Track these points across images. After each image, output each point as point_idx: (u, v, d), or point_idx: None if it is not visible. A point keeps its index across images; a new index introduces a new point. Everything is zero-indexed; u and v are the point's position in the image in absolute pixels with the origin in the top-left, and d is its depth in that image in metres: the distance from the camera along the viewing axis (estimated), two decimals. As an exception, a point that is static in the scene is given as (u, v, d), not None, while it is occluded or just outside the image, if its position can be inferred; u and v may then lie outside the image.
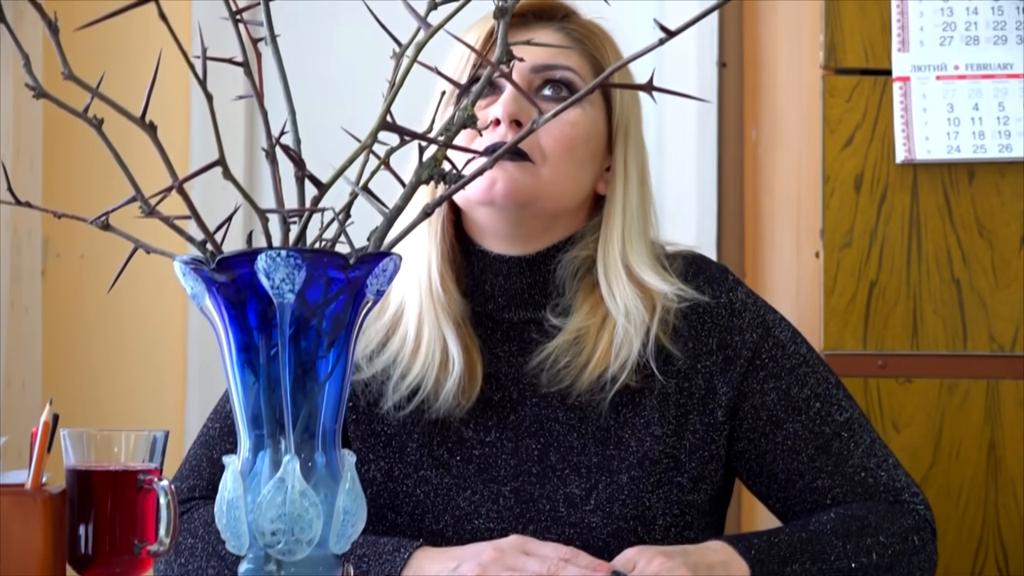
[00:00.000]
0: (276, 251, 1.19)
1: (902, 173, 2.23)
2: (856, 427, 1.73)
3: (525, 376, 1.74)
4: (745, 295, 1.76)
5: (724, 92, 2.95)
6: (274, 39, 1.29)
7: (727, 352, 1.73)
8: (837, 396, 1.74)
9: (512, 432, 1.72)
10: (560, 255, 1.75)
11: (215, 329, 1.25)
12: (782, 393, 1.72)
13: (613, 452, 1.70)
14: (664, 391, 1.71)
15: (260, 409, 1.23)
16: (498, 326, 1.75)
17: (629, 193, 1.76)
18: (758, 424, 1.72)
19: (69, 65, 1.10)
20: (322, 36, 3.00)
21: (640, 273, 1.73)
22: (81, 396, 2.91)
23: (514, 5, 1.28)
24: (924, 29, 2.21)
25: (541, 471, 1.70)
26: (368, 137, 1.24)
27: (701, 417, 1.71)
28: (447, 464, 1.72)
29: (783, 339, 1.74)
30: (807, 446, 1.71)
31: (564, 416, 1.72)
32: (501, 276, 1.75)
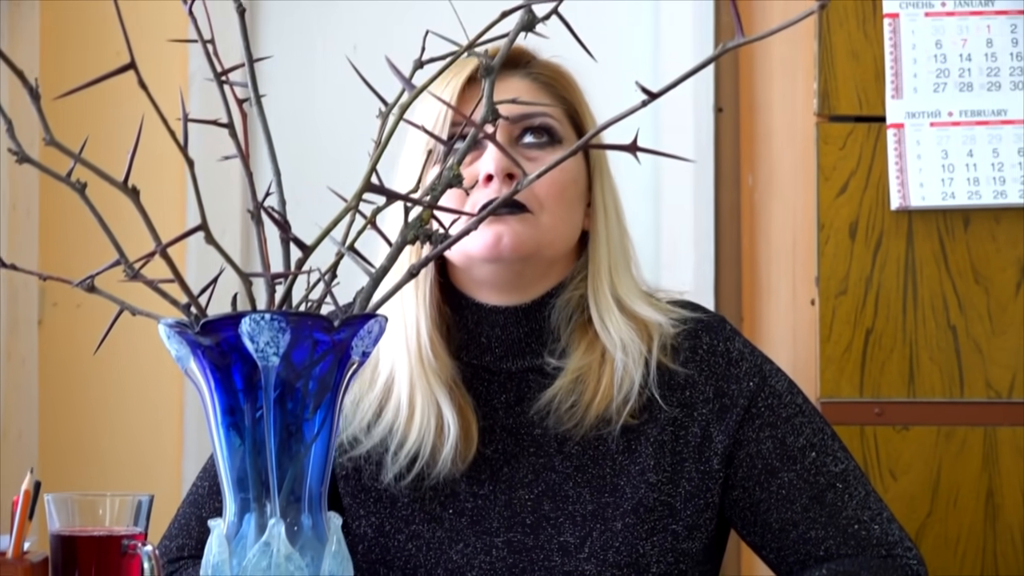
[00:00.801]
0: (260, 314, 1.18)
1: (897, 220, 2.22)
2: (851, 479, 1.72)
3: (523, 426, 1.73)
4: (742, 344, 1.76)
5: (720, 137, 2.95)
6: (258, 99, 1.29)
7: (723, 400, 1.72)
8: (832, 447, 1.74)
9: (506, 484, 1.72)
10: (554, 300, 1.75)
11: (200, 392, 1.24)
12: (777, 442, 1.72)
13: (608, 499, 1.70)
14: (660, 439, 1.71)
15: (246, 472, 1.23)
16: (495, 377, 1.75)
17: (611, 228, 1.77)
18: (753, 473, 1.71)
19: (51, 131, 1.10)
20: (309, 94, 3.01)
21: (631, 305, 1.74)
22: (77, 447, 2.90)
23: (500, 64, 1.28)
24: (917, 76, 2.21)
25: (535, 521, 1.70)
26: (353, 198, 1.24)
27: (696, 465, 1.71)
28: (439, 518, 1.71)
29: (780, 389, 1.74)
30: (801, 496, 1.70)
31: (560, 465, 1.71)
32: (498, 327, 1.74)
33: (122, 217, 1.21)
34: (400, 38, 3.01)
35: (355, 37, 3.04)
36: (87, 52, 2.91)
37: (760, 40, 1.06)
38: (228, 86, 1.28)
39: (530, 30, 1.29)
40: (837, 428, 2.19)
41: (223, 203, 2.82)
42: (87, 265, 3.01)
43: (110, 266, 1.22)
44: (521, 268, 1.72)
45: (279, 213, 1.27)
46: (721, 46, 1.09)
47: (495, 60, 1.27)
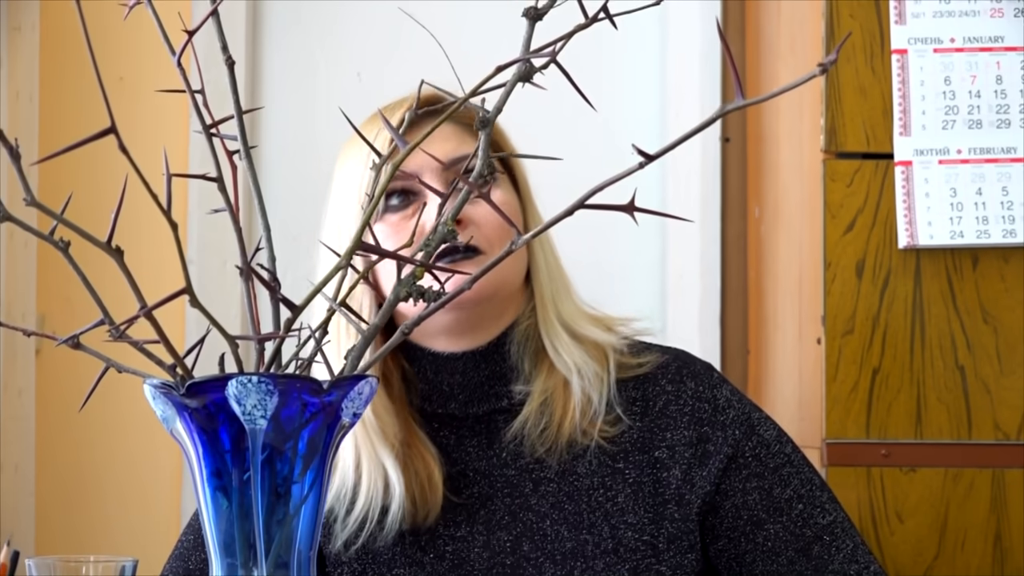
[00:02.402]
0: (247, 377, 1.15)
1: (904, 259, 2.20)
2: (839, 531, 1.70)
3: (495, 468, 1.71)
4: (730, 392, 1.74)
5: (727, 167, 2.93)
6: (248, 152, 1.26)
7: (707, 446, 1.70)
8: (820, 498, 1.71)
9: (483, 527, 1.70)
10: (510, 338, 1.73)
11: (186, 454, 1.22)
12: (764, 493, 1.69)
13: (587, 537, 1.68)
14: (639, 480, 1.69)
15: (233, 536, 1.20)
16: (463, 422, 1.73)
17: (547, 256, 1.77)
18: (738, 524, 1.69)
19: (32, 192, 1.07)
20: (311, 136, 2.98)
21: (580, 329, 1.73)
22: (75, 480, 2.88)
23: (496, 116, 1.25)
24: (926, 113, 2.18)
25: (515, 561, 1.68)
26: (344, 256, 1.21)
27: (679, 508, 1.69)
28: (420, 562, 1.70)
29: (768, 438, 1.72)
30: (787, 548, 1.68)
31: (537, 504, 1.70)
32: (457, 374, 1.73)
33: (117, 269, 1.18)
34: (405, 65, 2.99)
35: (359, 64, 3.01)
36: (88, 77, 2.89)
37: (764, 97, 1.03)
38: (219, 138, 1.26)
39: (527, 81, 1.27)
40: (843, 469, 2.17)
41: (229, 254, 2.80)
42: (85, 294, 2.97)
43: (94, 325, 1.19)
44: (480, 312, 1.71)
45: (268, 271, 1.24)
46: (720, 108, 1.07)
47: (492, 112, 1.25)
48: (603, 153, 2.91)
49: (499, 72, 1.21)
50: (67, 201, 1.14)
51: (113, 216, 1.10)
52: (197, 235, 2.86)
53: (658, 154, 1.10)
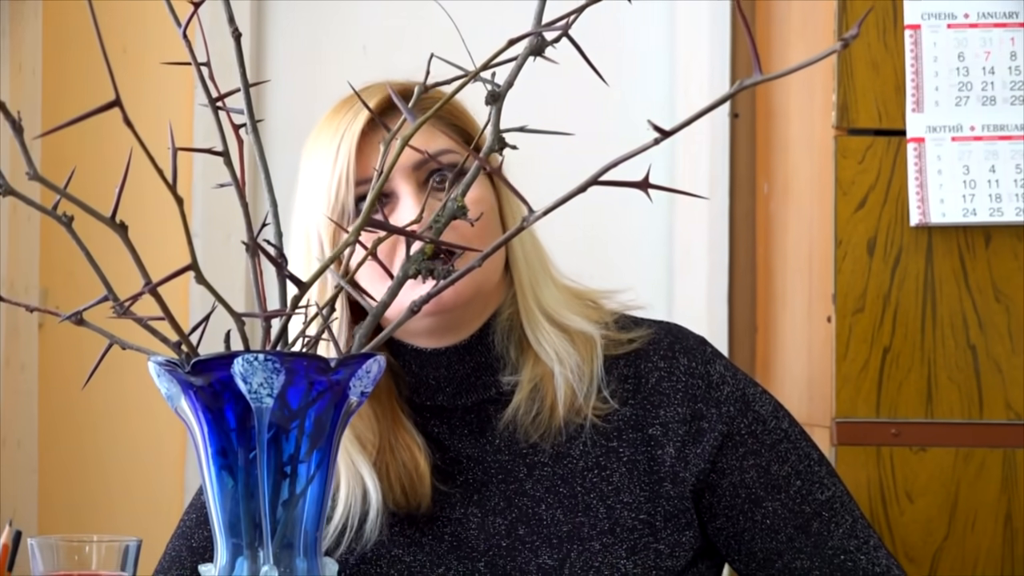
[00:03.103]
0: (253, 355, 1.13)
1: (916, 236, 2.17)
2: (837, 506, 1.68)
3: (489, 454, 1.70)
4: (724, 367, 1.71)
5: (736, 143, 2.90)
6: (255, 126, 1.24)
7: (700, 424, 1.68)
8: (819, 473, 1.69)
9: (478, 509, 1.68)
10: (492, 329, 1.70)
11: (191, 432, 1.20)
12: (762, 470, 1.67)
13: (582, 519, 1.66)
14: (633, 458, 1.67)
15: (238, 516, 1.18)
16: (453, 413, 1.71)
17: (524, 242, 1.71)
18: (736, 502, 1.67)
19: (34, 166, 1.05)
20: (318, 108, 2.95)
21: (560, 318, 1.70)
22: (78, 456, 2.86)
23: (507, 91, 1.23)
24: (939, 89, 2.16)
25: (511, 544, 1.67)
26: (352, 233, 1.19)
27: (674, 486, 1.67)
28: (419, 542, 1.68)
29: (764, 414, 1.69)
30: (786, 525, 1.66)
31: (531, 489, 1.68)
32: (443, 368, 1.70)
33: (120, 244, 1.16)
34: (410, 38, 2.96)
35: (364, 37, 2.99)
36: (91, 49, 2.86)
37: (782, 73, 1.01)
38: (224, 112, 1.24)
39: (539, 55, 1.25)
40: (852, 449, 2.15)
41: (234, 228, 2.78)
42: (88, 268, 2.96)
43: (98, 302, 1.17)
44: (462, 313, 1.68)
45: (275, 247, 1.22)
46: (738, 83, 1.04)
47: (503, 86, 1.23)
48: (611, 128, 2.89)
49: (511, 46, 1.19)
50: (70, 175, 1.12)
51: (117, 191, 1.07)
52: (201, 209, 2.83)
53: (674, 130, 1.08)
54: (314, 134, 1.71)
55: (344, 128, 1.66)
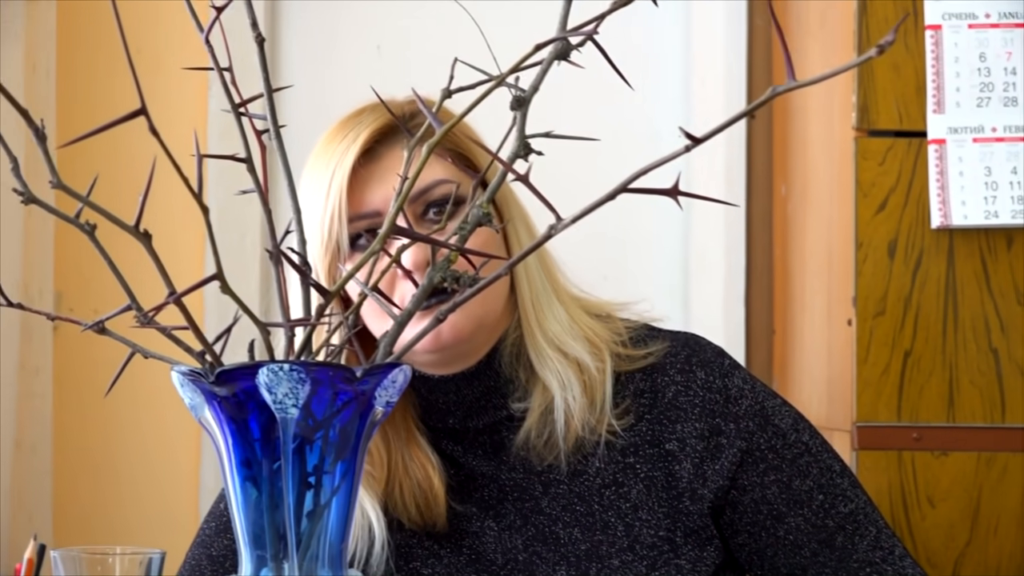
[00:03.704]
0: (278, 365, 1.12)
1: (937, 239, 2.16)
2: (861, 518, 1.66)
3: (503, 472, 1.68)
4: (742, 380, 1.68)
5: (753, 145, 2.89)
6: (278, 132, 1.23)
7: (719, 439, 1.65)
8: (841, 486, 1.67)
9: (495, 523, 1.67)
10: (499, 354, 1.68)
11: (215, 442, 1.19)
12: (783, 486, 1.65)
13: (601, 537, 1.64)
14: (651, 475, 1.65)
15: (262, 527, 1.17)
16: (465, 435, 1.69)
17: (528, 261, 1.67)
18: (758, 518, 1.65)
19: (57, 174, 1.03)
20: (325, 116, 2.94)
21: (563, 345, 1.66)
22: (92, 460, 2.85)
23: (532, 96, 1.21)
24: (960, 90, 2.14)
25: (528, 558, 1.65)
26: (377, 241, 1.17)
27: (692, 503, 1.65)
28: (437, 555, 1.67)
29: (783, 428, 1.67)
30: (810, 541, 1.65)
31: (548, 507, 1.66)
32: (452, 393, 1.68)
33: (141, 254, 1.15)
34: (425, 38, 2.95)
35: (378, 37, 2.97)
36: (105, 49, 2.86)
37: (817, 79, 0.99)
38: (247, 118, 1.22)
39: (564, 59, 1.23)
40: (873, 453, 2.13)
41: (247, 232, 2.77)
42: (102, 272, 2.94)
43: (121, 311, 1.16)
44: (464, 347, 1.65)
45: (299, 254, 1.21)
46: (771, 90, 1.03)
47: (528, 91, 1.21)
48: (625, 132, 2.88)
49: (538, 50, 1.18)
50: (92, 183, 1.10)
51: (141, 199, 1.06)
52: (215, 215, 2.82)
53: (705, 137, 1.06)
54: (310, 161, 1.67)
55: (336, 162, 1.62)
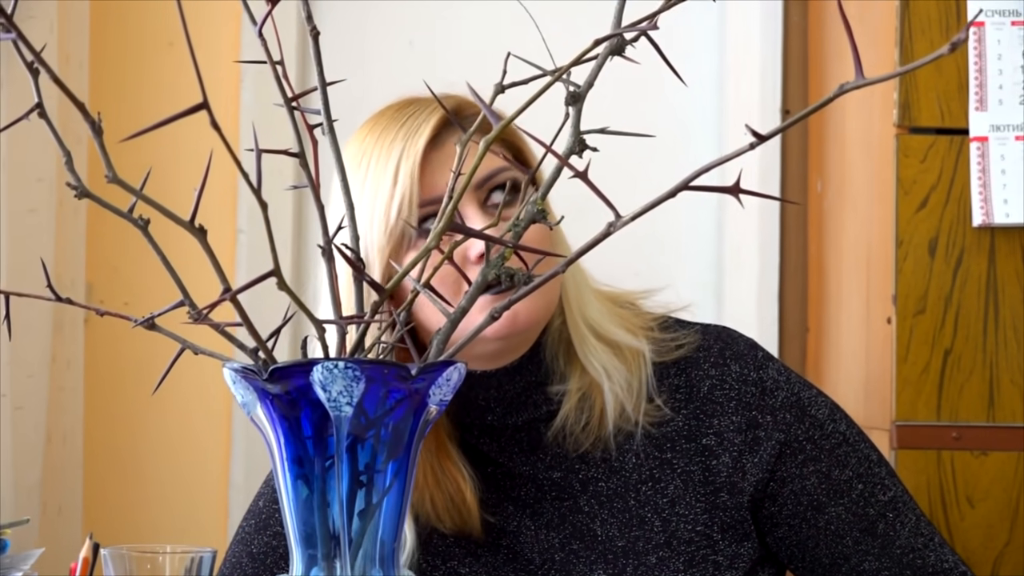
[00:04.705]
0: (333, 362, 1.11)
1: (979, 237, 2.14)
2: (901, 506, 1.66)
3: (541, 471, 1.67)
4: (776, 372, 1.68)
5: (788, 141, 2.87)
6: (331, 126, 1.21)
7: (757, 432, 1.64)
8: (880, 474, 1.67)
9: (532, 523, 1.66)
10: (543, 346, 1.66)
11: (267, 440, 1.18)
12: (822, 476, 1.65)
13: (638, 533, 1.63)
14: (688, 469, 1.65)
15: (314, 527, 1.16)
16: (503, 432, 1.68)
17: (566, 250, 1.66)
18: (799, 510, 1.64)
19: (114, 168, 1.02)
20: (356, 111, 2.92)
21: (607, 333, 1.66)
22: (123, 450, 2.84)
23: (587, 91, 1.20)
24: (1003, 87, 2.12)
25: (565, 557, 1.64)
26: (432, 237, 1.16)
27: (731, 497, 1.64)
28: (475, 554, 1.66)
29: (821, 418, 1.66)
30: (852, 529, 1.64)
31: (586, 505, 1.65)
32: (492, 389, 1.66)
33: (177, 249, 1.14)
34: (457, 33, 2.93)
35: (411, 32, 2.96)
36: (136, 41, 2.85)
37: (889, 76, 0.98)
38: (299, 112, 1.21)
39: (619, 54, 1.22)
40: (912, 452, 2.12)
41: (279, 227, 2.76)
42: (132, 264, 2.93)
43: (174, 307, 1.15)
44: (534, 333, 1.64)
45: (352, 251, 1.19)
46: (839, 87, 1.01)
47: (583, 86, 1.20)
48: (658, 130, 2.86)
49: (596, 46, 1.16)
50: (145, 177, 1.09)
51: (197, 193, 1.05)
52: (247, 207, 2.81)
53: (770, 135, 1.05)
54: (360, 147, 1.64)
55: (402, 147, 1.59)
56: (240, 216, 2.80)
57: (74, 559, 2.63)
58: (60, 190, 2.59)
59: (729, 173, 2.86)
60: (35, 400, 2.56)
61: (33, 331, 2.56)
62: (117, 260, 2.80)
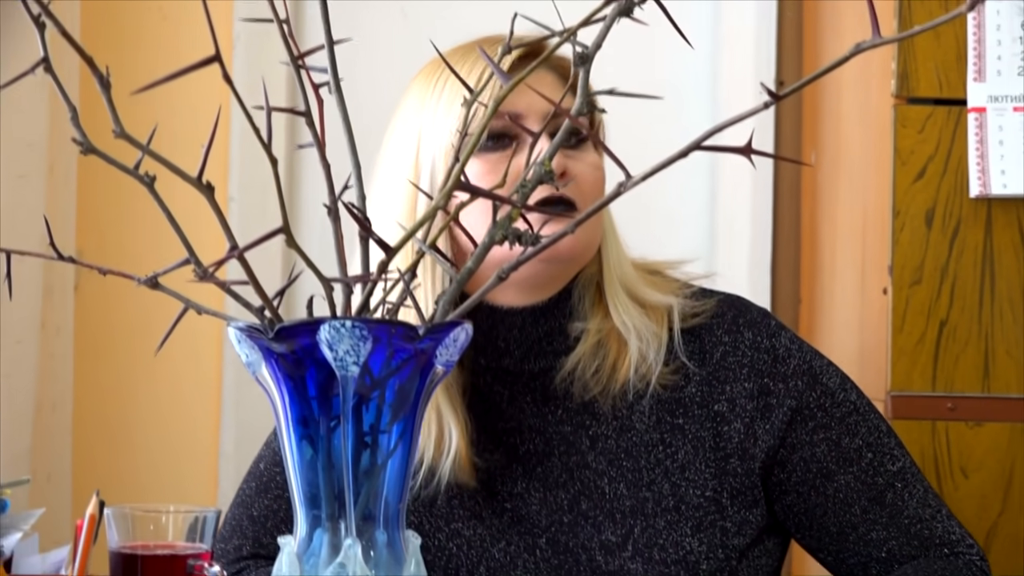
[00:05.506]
0: (340, 321, 1.10)
1: (976, 208, 2.14)
2: (909, 476, 1.67)
3: (551, 424, 1.67)
4: (789, 340, 1.69)
5: (781, 112, 2.86)
6: (338, 85, 1.20)
7: (768, 399, 1.65)
8: (889, 444, 1.68)
9: (540, 483, 1.66)
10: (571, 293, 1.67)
11: (271, 400, 1.17)
12: (832, 444, 1.65)
13: (647, 495, 1.63)
14: (699, 435, 1.65)
15: (318, 487, 1.15)
16: (518, 379, 1.68)
17: (611, 215, 1.71)
18: (808, 477, 1.65)
19: (121, 123, 1.01)
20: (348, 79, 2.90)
21: (638, 292, 1.68)
22: (112, 418, 2.83)
23: (595, 53, 1.20)
24: (1002, 58, 2.12)
25: (572, 519, 1.64)
26: (440, 196, 1.15)
27: (742, 462, 1.64)
28: (479, 516, 1.66)
29: (832, 387, 1.67)
30: (860, 498, 1.65)
31: (594, 462, 1.65)
32: (515, 329, 1.67)
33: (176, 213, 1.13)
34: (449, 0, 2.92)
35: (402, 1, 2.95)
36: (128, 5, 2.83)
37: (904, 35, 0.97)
38: (305, 71, 1.20)
39: (627, 15, 1.21)
40: (907, 423, 2.12)
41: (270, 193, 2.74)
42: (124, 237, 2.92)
43: (179, 264, 1.14)
44: (565, 269, 1.65)
45: (359, 210, 1.18)
46: (855, 46, 1.01)
47: (591, 47, 1.19)
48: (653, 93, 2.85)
49: (606, 5, 1.16)
50: (152, 133, 1.08)
51: (204, 150, 1.04)
52: (238, 174, 2.80)
53: (786, 93, 1.05)
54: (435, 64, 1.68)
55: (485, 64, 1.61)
56: (232, 184, 2.79)
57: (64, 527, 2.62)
58: (51, 156, 2.58)
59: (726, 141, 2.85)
60: (24, 367, 2.55)
61: (22, 297, 2.54)
62: (106, 227, 2.78)
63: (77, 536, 1.19)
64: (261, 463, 1.72)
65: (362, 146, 1.22)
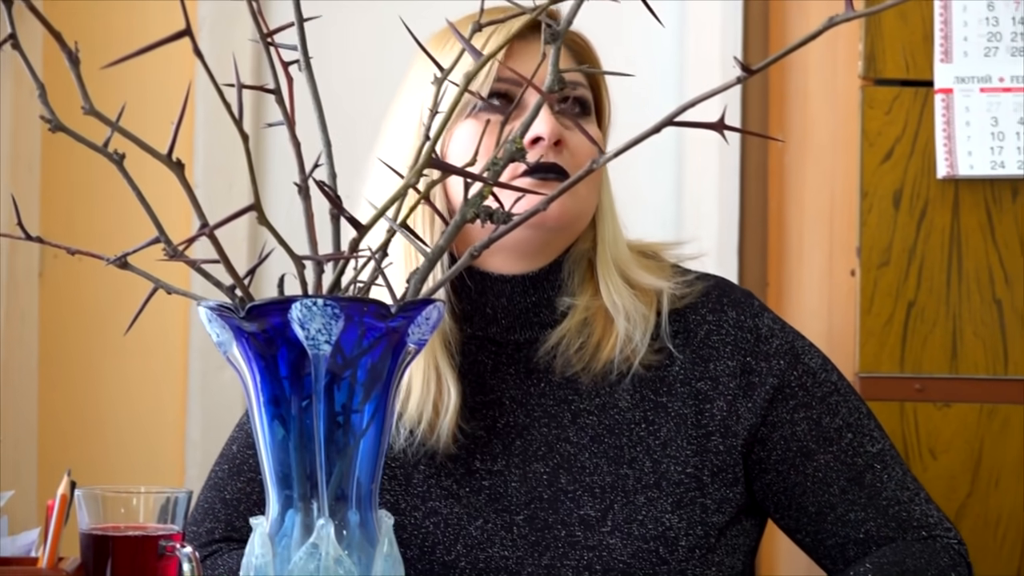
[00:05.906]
0: (312, 299, 1.09)
1: (943, 189, 2.14)
2: (888, 459, 1.68)
3: (533, 396, 1.67)
4: (772, 320, 1.70)
5: (748, 94, 2.86)
6: (308, 63, 1.20)
7: (751, 378, 1.66)
8: (869, 426, 1.69)
9: (519, 458, 1.66)
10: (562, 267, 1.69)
11: (243, 379, 1.16)
12: (813, 423, 1.66)
13: (627, 471, 1.64)
14: (681, 412, 1.66)
15: (290, 467, 1.14)
16: (503, 348, 1.68)
17: (610, 197, 1.74)
18: (788, 455, 1.66)
19: (90, 99, 1.00)
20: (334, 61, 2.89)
21: (632, 274, 1.69)
22: (78, 406, 2.82)
23: (565, 29, 1.19)
24: (968, 39, 2.12)
25: (552, 495, 1.64)
26: (412, 174, 1.15)
27: (724, 440, 1.65)
28: (456, 494, 1.66)
29: (813, 367, 1.68)
30: (839, 478, 1.65)
31: (575, 436, 1.66)
32: (504, 297, 1.68)
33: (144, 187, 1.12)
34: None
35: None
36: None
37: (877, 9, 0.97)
38: (275, 48, 1.19)
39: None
40: (876, 404, 2.12)
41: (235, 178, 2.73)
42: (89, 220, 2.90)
43: (149, 243, 1.13)
44: (553, 238, 1.67)
45: (330, 188, 1.18)
46: (827, 20, 1.01)
47: (561, 26, 1.19)
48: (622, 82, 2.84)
49: (578, -20, 1.15)
50: (121, 111, 1.07)
51: (174, 127, 1.03)
52: (203, 159, 2.78)
53: (759, 68, 1.04)
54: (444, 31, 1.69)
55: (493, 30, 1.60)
56: (196, 169, 2.77)
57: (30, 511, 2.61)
58: (15, 145, 2.56)
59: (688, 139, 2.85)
60: (-11, 354, 2.54)
61: (-13, 285, 2.53)
62: (70, 214, 2.76)
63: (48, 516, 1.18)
64: (234, 445, 1.72)
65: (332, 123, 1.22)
